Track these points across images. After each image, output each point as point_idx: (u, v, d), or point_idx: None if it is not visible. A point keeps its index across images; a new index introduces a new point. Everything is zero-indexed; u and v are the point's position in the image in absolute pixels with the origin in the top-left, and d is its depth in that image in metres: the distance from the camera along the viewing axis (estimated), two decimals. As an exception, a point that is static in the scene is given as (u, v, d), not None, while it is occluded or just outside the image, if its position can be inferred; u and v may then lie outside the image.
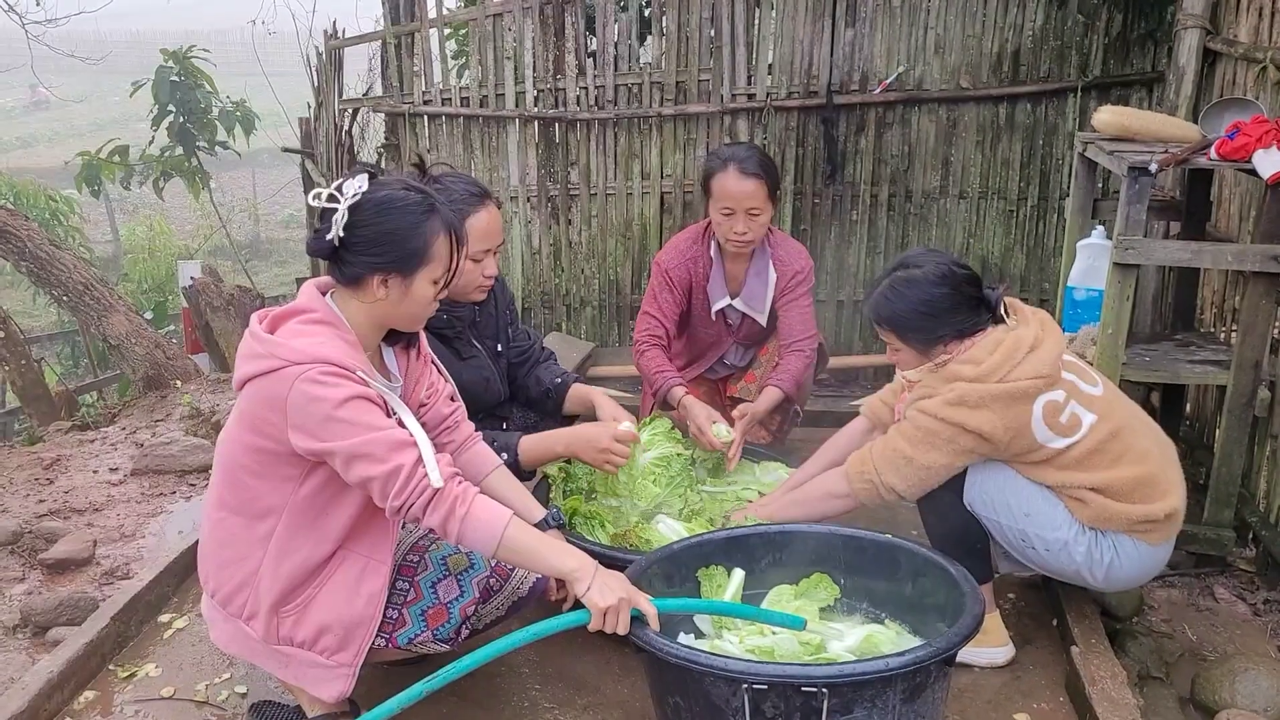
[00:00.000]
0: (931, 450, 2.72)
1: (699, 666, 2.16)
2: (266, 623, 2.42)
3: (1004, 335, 2.72)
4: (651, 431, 3.42)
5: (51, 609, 3.37)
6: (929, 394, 2.75)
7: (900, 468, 2.76)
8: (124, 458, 4.91)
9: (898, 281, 2.78)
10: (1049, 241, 5.28)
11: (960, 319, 2.75)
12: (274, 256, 16.82)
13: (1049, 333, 2.74)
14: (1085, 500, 2.70)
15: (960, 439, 2.68)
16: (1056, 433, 2.68)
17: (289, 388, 2.22)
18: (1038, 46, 5.05)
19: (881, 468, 2.79)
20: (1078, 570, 2.76)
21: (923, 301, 2.74)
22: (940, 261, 2.78)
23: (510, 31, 5.38)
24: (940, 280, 2.74)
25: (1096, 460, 2.69)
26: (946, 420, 2.68)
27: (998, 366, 2.66)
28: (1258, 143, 3.11)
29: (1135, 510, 2.69)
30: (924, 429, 2.72)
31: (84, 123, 25.84)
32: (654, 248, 5.52)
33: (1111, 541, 2.73)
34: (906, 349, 2.82)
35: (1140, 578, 2.85)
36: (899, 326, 2.79)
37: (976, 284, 2.79)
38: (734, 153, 3.63)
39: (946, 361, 2.75)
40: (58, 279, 6.99)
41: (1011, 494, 2.74)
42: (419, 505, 2.25)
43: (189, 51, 9.72)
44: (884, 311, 2.80)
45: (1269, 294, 3.20)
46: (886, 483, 2.78)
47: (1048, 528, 2.73)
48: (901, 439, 2.77)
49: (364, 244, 2.30)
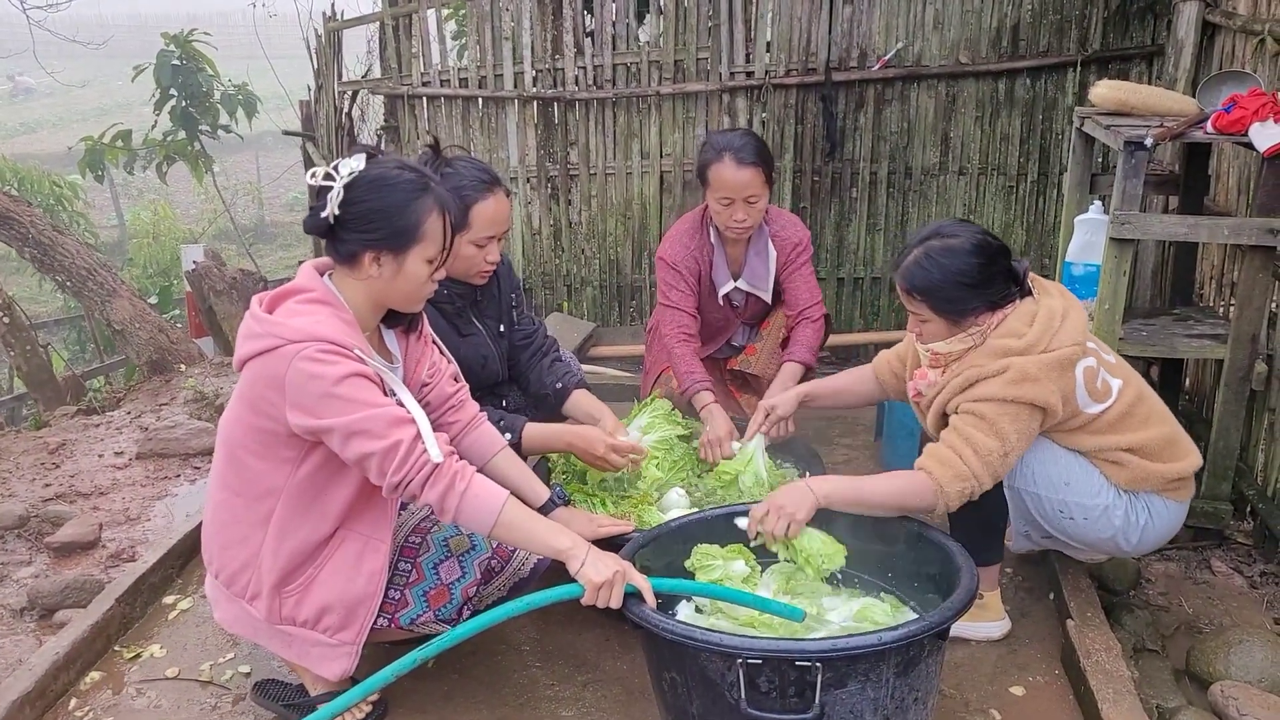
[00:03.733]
0: (1019, 438, 2.63)
1: (694, 642, 2.18)
2: (269, 603, 2.45)
3: (1034, 307, 2.70)
4: (651, 414, 3.42)
5: (58, 591, 3.40)
6: (979, 377, 2.65)
7: (995, 467, 2.64)
8: (129, 441, 4.94)
9: (934, 250, 2.68)
10: (1049, 217, 5.28)
11: (993, 291, 2.69)
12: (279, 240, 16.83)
13: (1071, 302, 2.74)
14: (1121, 463, 2.72)
15: (1034, 416, 2.63)
16: (1094, 398, 2.68)
17: (287, 366, 2.24)
18: (1037, 21, 5.03)
19: (981, 474, 2.63)
20: (1114, 536, 2.77)
21: (960, 271, 2.65)
22: (975, 231, 2.71)
23: (508, 12, 5.37)
24: (976, 250, 2.66)
25: (1128, 423, 2.71)
26: (1018, 400, 2.60)
27: (1040, 336, 2.63)
28: (1254, 116, 3.11)
29: (1169, 469, 2.73)
30: (1005, 416, 2.62)
31: (87, 107, 25.83)
32: (654, 227, 5.53)
33: (1145, 503, 2.76)
34: (936, 319, 2.73)
35: (1166, 537, 2.86)
36: (933, 296, 2.70)
37: (1008, 255, 2.73)
38: (729, 141, 3.57)
39: (981, 334, 2.70)
40: (61, 264, 7.00)
41: (1051, 465, 2.74)
42: (418, 480, 2.27)
43: (190, 35, 9.68)
44: (919, 281, 2.70)
45: (1266, 267, 3.20)
46: (985, 487, 2.66)
47: (1087, 494, 2.74)
48: (987, 437, 2.62)
49: (356, 221, 2.31)
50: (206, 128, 9.82)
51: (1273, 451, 3.49)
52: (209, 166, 10.12)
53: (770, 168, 3.62)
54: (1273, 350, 3.45)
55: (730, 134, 3.66)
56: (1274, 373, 3.45)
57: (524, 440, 3.10)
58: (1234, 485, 3.46)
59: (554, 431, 3.15)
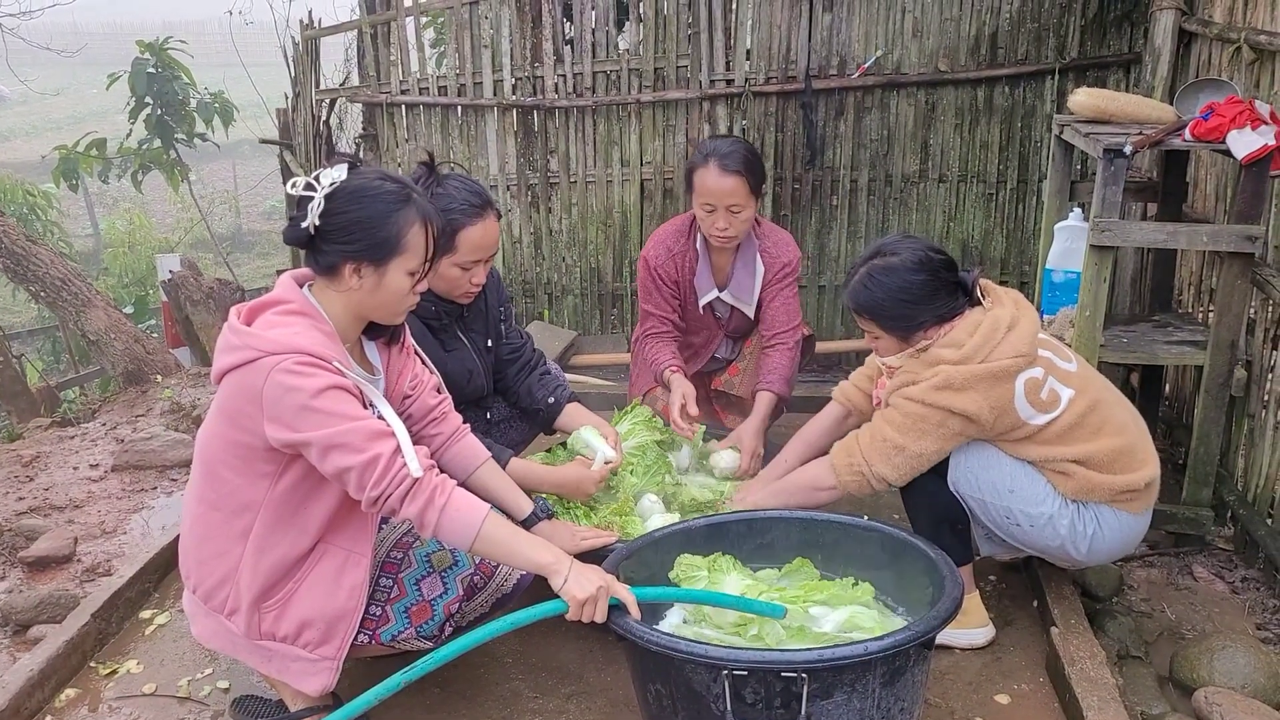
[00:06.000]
0: (922, 438, 2.73)
1: (679, 654, 2.17)
2: (248, 618, 2.42)
3: (981, 317, 2.74)
4: (632, 420, 3.43)
5: (32, 607, 3.35)
6: (912, 380, 2.76)
7: (891, 457, 2.76)
8: (104, 454, 4.88)
9: (875, 270, 2.77)
10: (1029, 224, 5.29)
11: (939, 304, 2.75)
12: (256, 249, 16.69)
13: (1024, 312, 2.76)
14: (1068, 473, 2.73)
15: (949, 422, 2.70)
16: (1038, 409, 2.70)
17: (264, 378, 2.21)
18: (1015, 29, 5.05)
19: (872, 459, 2.78)
20: (1061, 544, 2.78)
21: (901, 289, 2.74)
22: (916, 248, 2.78)
23: (487, 19, 5.34)
24: (918, 267, 2.74)
25: (1077, 433, 2.72)
26: (934, 405, 2.69)
27: (979, 347, 2.67)
28: (1232, 123, 3.12)
29: (1118, 480, 2.73)
30: (912, 415, 2.73)
31: (61, 116, 25.58)
32: (635, 235, 5.51)
33: (1094, 513, 2.77)
34: (886, 336, 2.83)
35: (1122, 549, 2.87)
36: (878, 315, 2.79)
37: (953, 268, 2.80)
38: (716, 147, 3.55)
39: (927, 346, 2.76)
40: (35, 274, 6.93)
41: (995, 472, 2.76)
42: (397, 495, 2.24)
43: (165, 43, 9.61)
44: (863, 300, 2.80)
45: (1244, 274, 3.22)
46: (878, 473, 2.79)
47: (1032, 503, 2.75)
48: (890, 428, 2.77)
49: (337, 231, 2.29)
50: (182, 136, 9.75)
51: (1253, 457, 3.50)
52: (185, 175, 10.04)
53: (758, 178, 3.58)
54: (1251, 356, 3.47)
55: (721, 140, 3.64)
56: (1253, 378, 3.48)
57: (509, 474, 3.07)
58: (1215, 491, 3.47)
59: (539, 474, 3.11)
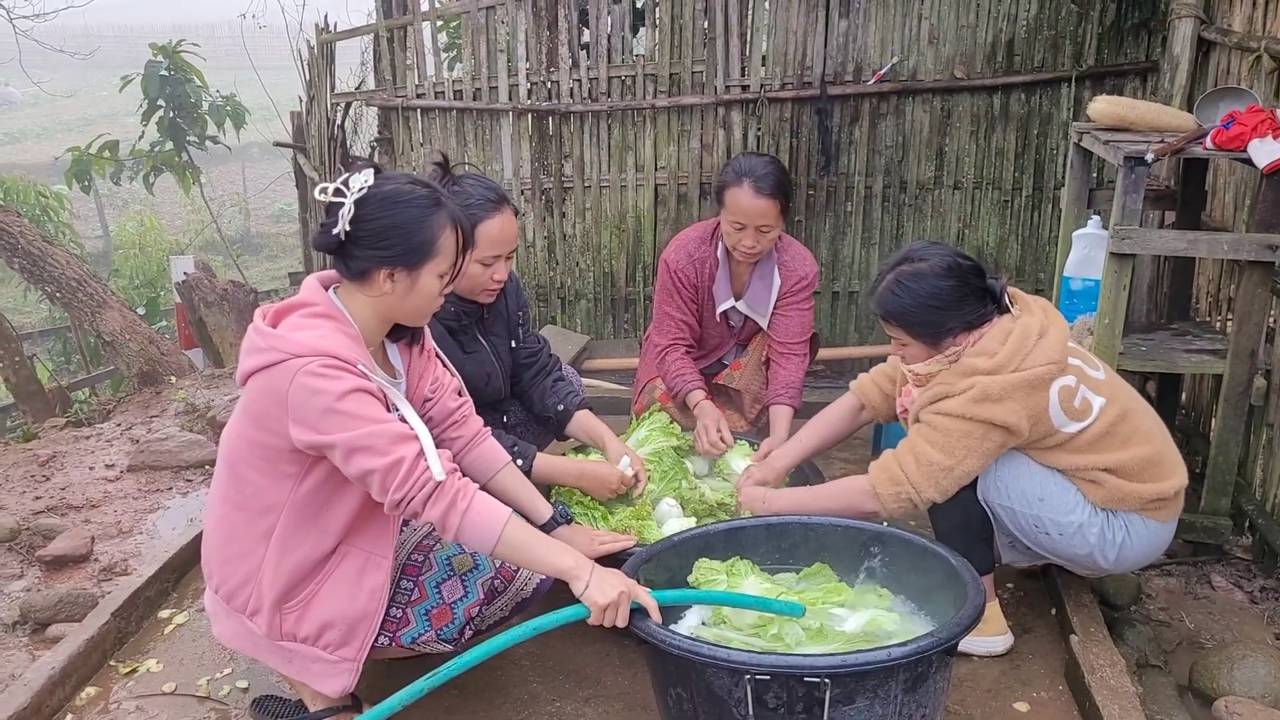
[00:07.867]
0: (968, 456, 2.67)
1: (701, 658, 2.16)
2: (270, 619, 2.42)
3: (1011, 325, 2.71)
4: (649, 427, 3.43)
5: (51, 605, 3.36)
6: (946, 393, 2.70)
7: (940, 480, 2.70)
8: (120, 454, 4.90)
9: (904, 276, 2.73)
10: (1044, 231, 5.29)
11: (967, 310, 2.72)
12: (265, 251, 16.75)
13: (1053, 319, 2.74)
14: (1099, 481, 2.71)
15: (991, 435, 2.65)
16: (1071, 417, 2.68)
17: (290, 381, 2.21)
18: (1032, 36, 5.06)
19: (921, 485, 2.71)
20: (1090, 553, 2.76)
21: (930, 295, 2.69)
22: (944, 253, 2.75)
23: (503, 24, 5.36)
24: (947, 273, 2.70)
25: (1108, 442, 2.70)
26: (975, 418, 2.64)
27: (1012, 356, 2.64)
28: (1253, 132, 3.12)
29: (1148, 489, 2.71)
30: (955, 433, 2.67)
31: (72, 118, 25.69)
32: (649, 240, 5.52)
33: (1123, 521, 2.75)
34: (914, 343, 2.78)
35: (1148, 557, 2.86)
36: (907, 321, 2.74)
37: (981, 275, 2.76)
38: (751, 168, 3.52)
39: (957, 355, 2.73)
40: (51, 275, 6.97)
41: (1025, 480, 2.74)
42: (420, 498, 2.25)
43: (178, 45, 9.66)
44: (891, 307, 2.75)
45: (1264, 283, 3.21)
46: (926, 498, 2.73)
47: (1061, 511, 2.73)
48: (934, 450, 2.70)
49: (370, 238, 2.29)
50: (194, 138, 9.80)
51: (1271, 467, 3.49)
52: (196, 177, 10.08)
53: (788, 199, 3.58)
54: (1271, 365, 3.46)
55: (755, 159, 3.61)
56: (1273, 388, 3.47)
57: (534, 470, 3.08)
58: (1233, 500, 3.47)
59: (563, 466, 3.14)
